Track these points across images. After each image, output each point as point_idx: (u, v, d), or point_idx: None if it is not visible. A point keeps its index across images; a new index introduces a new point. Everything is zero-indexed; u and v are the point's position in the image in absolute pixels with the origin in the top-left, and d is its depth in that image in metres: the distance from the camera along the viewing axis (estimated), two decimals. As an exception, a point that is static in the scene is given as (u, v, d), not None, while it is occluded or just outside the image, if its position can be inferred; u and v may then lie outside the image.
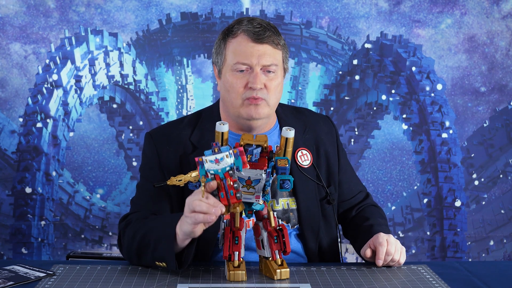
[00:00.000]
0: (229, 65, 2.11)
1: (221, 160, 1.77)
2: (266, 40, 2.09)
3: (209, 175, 1.79)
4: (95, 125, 4.24)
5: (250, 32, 2.09)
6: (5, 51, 4.11)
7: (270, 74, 2.11)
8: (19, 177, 4.11)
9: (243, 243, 1.90)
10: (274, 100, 2.14)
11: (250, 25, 2.10)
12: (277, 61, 2.12)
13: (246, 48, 2.09)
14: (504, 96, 4.27)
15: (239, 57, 2.09)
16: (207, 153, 1.79)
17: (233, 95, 2.12)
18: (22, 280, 1.91)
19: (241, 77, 2.10)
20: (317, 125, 2.32)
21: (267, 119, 2.18)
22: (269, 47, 2.10)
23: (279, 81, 2.13)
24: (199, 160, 1.79)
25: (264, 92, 2.10)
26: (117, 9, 4.15)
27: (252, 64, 2.09)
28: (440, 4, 4.21)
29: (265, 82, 2.10)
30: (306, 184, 2.21)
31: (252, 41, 2.09)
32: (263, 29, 2.10)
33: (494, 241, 4.28)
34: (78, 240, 4.22)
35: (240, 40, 2.10)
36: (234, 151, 1.79)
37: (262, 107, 2.11)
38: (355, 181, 2.39)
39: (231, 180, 1.78)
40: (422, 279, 1.95)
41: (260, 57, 2.09)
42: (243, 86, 2.10)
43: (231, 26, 2.14)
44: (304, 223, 2.20)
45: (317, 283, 1.90)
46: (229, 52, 2.12)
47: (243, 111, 2.12)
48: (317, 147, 2.26)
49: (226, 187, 1.78)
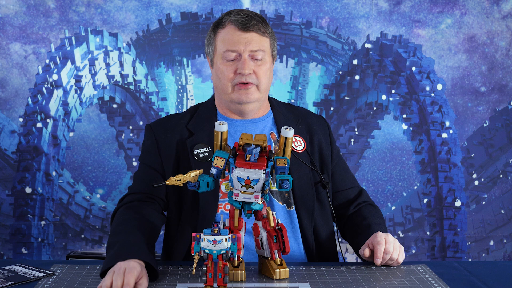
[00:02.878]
0: (220, 54, 2.25)
1: (219, 243, 1.78)
2: (252, 28, 2.22)
3: (202, 252, 1.78)
4: (95, 125, 4.24)
5: (237, 22, 2.23)
6: (5, 51, 4.11)
7: (258, 60, 2.23)
8: (19, 177, 4.11)
9: (243, 243, 1.90)
10: (265, 85, 2.26)
11: (238, 15, 2.24)
12: (264, 47, 2.24)
13: (234, 36, 2.23)
14: (504, 96, 4.27)
15: (227, 45, 2.23)
16: (206, 232, 1.79)
17: (224, 81, 2.24)
18: (22, 280, 1.91)
19: (231, 65, 2.23)
20: (310, 119, 2.40)
21: (258, 103, 2.28)
22: (256, 34, 2.23)
23: (268, 67, 2.26)
24: (197, 236, 1.78)
25: (253, 77, 2.22)
26: (117, 9, 4.15)
27: (240, 51, 2.21)
28: (440, 4, 4.20)
29: (253, 68, 2.22)
30: (300, 167, 2.27)
31: (239, 29, 2.22)
32: (249, 18, 2.23)
33: (494, 241, 4.28)
34: (78, 240, 4.22)
35: (228, 29, 2.24)
36: (233, 237, 1.79)
37: (252, 92, 2.24)
38: (348, 175, 2.44)
39: (223, 263, 1.78)
40: (421, 279, 1.95)
41: (247, 43, 2.22)
42: (232, 72, 2.22)
43: (221, 17, 2.28)
44: (299, 203, 2.26)
45: (317, 283, 1.90)
46: (219, 42, 2.25)
47: (234, 96, 2.24)
48: (310, 136, 2.35)
49: (216, 269, 1.78)
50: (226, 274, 1.79)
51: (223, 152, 1.91)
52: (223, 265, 1.79)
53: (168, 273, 1.96)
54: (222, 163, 1.89)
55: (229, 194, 1.90)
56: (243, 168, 1.85)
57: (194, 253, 1.79)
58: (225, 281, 1.79)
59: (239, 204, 1.89)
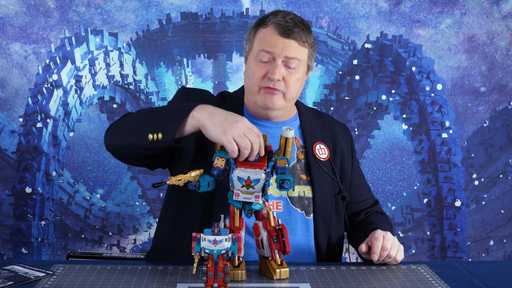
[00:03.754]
0: (254, 52, 2.18)
1: (219, 243, 1.78)
2: (293, 35, 2.14)
3: (203, 253, 1.79)
4: (95, 125, 4.24)
5: (279, 25, 2.15)
6: (5, 51, 4.11)
7: (291, 69, 2.16)
8: (19, 177, 4.11)
9: (243, 243, 1.90)
10: (292, 95, 2.19)
11: (283, 18, 2.16)
12: (300, 56, 2.16)
13: (272, 39, 2.15)
14: (504, 96, 4.27)
15: (264, 46, 2.15)
16: (206, 232, 1.79)
17: (252, 81, 2.17)
18: (22, 280, 1.91)
19: (263, 66, 2.16)
20: (334, 127, 2.37)
21: (283, 111, 2.23)
22: (295, 42, 2.15)
23: (299, 76, 2.19)
24: (197, 236, 1.78)
25: (281, 85, 2.15)
26: (117, 9, 4.15)
27: (275, 54, 2.14)
28: (440, 4, 4.21)
29: (284, 75, 2.15)
30: (323, 176, 2.24)
31: (279, 34, 2.15)
32: (294, 24, 2.15)
33: (494, 241, 4.28)
34: (78, 240, 4.22)
35: (269, 30, 2.16)
36: (233, 237, 1.79)
37: (277, 98, 2.17)
38: (365, 187, 2.42)
39: (223, 263, 1.78)
40: (421, 279, 1.95)
41: (284, 49, 2.14)
42: (262, 75, 2.15)
43: (266, 16, 2.21)
44: (318, 212, 2.22)
45: (317, 283, 1.90)
46: (257, 40, 2.18)
47: (258, 99, 2.18)
48: (334, 145, 2.31)
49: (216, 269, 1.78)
50: (227, 274, 1.79)
51: (224, 152, 1.91)
52: (223, 265, 1.79)
53: (168, 273, 1.96)
54: (223, 163, 1.89)
55: (230, 194, 1.90)
56: (244, 168, 1.85)
57: (194, 253, 1.79)
58: (225, 281, 1.79)
59: (240, 204, 1.89)
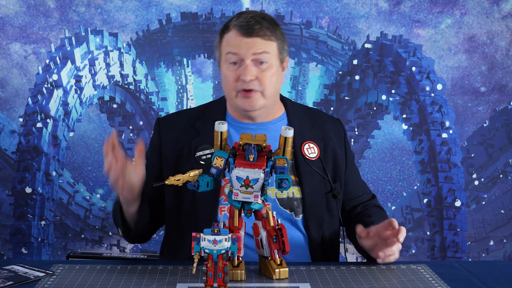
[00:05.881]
0: (223, 57, 2.18)
1: (219, 242, 1.78)
2: (255, 33, 2.14)
3: (203, 252, 1.79)
4: (95, 125, 4.24)
5: (240, 27, 2.15)
6: (5, 51, 4.11)
7: (263, 65, 2.15)
8: (19, 177, 4.11)
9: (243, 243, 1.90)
10: (270, 91, 2.17)
11: (244, 19, 2.16)
12: (269, 50, 2.15)
13: (236, 41, 2.15)
14: (504, 96, 4.27)
15: (229, 48, 2.16)
16: (206, 232, 1.79)
17: (228, 86, 2.18)
18: (22, 279, 1.91)
19: (234, 70, 2.15)
20: (326, 124, 2.34)
21: (265, 109, 2.22)
22: (259, 39, 2.14)
23: (273, 71, 2.16)
24: (197, 236, 1.78)
25: (255, 84, 2.14)
26: (117, 9, 4.15)
27: (242, 55, 2.14)
28: (440, 4, 4.20)
29: (256, 74, 2.14)
30: (312, 176, 2.22)
31: (242, 34, 2.15)
32: (255, 22, 2.15)
33: (494, 241, 4.28)
34: (78, 240, 4.22)
35: (232, 34, 2.17)
36: (233, 236, 1.79)
37: (256, 99, 2.16)
38: (361, 183, 2.41)
39: (223, 263, 1.78)
40: (421, 278, 1.95)
41: (249, 48, 2.13)
42: (235, 78, 2.15)
43: (229, 20, 2.21)
44: (308, 213, 2.21)
45: (317, 283, 1.90)
46: (223, 46, 2.19)
47: (238, 103, 2.18)
48: (325, 143, 2.28)
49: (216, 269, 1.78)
50: (226, 274, 1.79)
51: (223, 152, 1.91)
52: (223, 265, 1.79)
53: (168, 273, 1.96)
54: (222, 162, 1.89)
55: (229, 194, 1.90)
56: (243, 168, 1.85)
57: (194, 253, 1.79)
58: (225, 281, 1.79)
59: (239, 204, 1.89)
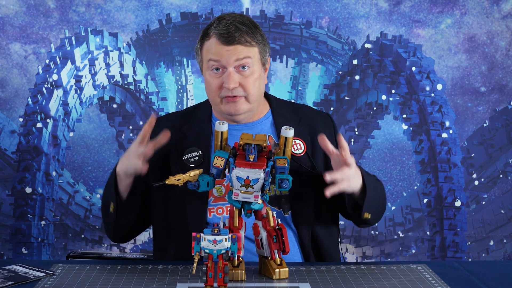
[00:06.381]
0: (205, 64, 2.18)
1: (219, 242, 1.78)
2: (236, 40, 2.12)
3: (203, 252, 1.79)
4: (95, 125, 4.24)
5: (220, 35, 2.13)
6: (5, 51, 4.11)
7: (245, 70, 2.14)
8: (19, 177, 4.11)
9: (243, 243, 1.90)
10: (254, 95, 2.18)
11: (224, 26, 2.13)
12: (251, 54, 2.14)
13: (216, 49, 2.14)
14: (504, 96, 4.27)
15: (210, 55, 2.15)
16: (206, 232, 1.79)
17: (212, 94, 2.19)
18: (22, 280, 1.91)
19: (217, 77, 2.15)
20: (313, 120, 2.33)
21: (250, 112, 2.22)
22: (240, 46, 2.13)
23: (256, 76, 2.16)
24: (197, 236, 1.79)
25: (239, 91, 2.15)
26: (117, 9, 4.16)
27: (224, 63, 2.13)
28: (440, 4, 4.21)
29: (239, 81, 2.14)
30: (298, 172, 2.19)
31: (222, 43, 2.13)
32: (235, 29, 2.13)
33: (494, 241, 4.28)
34: (78, 240, 4.22)
35: (212, 41, 2.15)
36: (233, 236, 1.79)
37: (240, 104, 2.17)
38: None
39: (223, 263, 1.78)
40: (421, 278, 1.95)
41: (231, 56, 2.12)
42: (218, 86, 2.15)
43: (209, 26, 2.18)
44: (296, 210, 2.21)
45: (317, 283, 1.90)
46: (204, 53, 2.18)
47: (223, 108, 2.18)
48: (312, 138, 2.26)
49: (216, 269, 1.78)
50: (226, 274, 1.79)
51: (223, 151, 1.91)
52: (223, 265, 1.79)
53: (168, 273, 1.96)
54: (222, 162, 1.89)
55: (229, 194, 1.90)
56: (243, 168, 1.85)
57: (194, 253, 1.79)
58: (225, 281, 1.79)
59: (239, 204, 1.89)
